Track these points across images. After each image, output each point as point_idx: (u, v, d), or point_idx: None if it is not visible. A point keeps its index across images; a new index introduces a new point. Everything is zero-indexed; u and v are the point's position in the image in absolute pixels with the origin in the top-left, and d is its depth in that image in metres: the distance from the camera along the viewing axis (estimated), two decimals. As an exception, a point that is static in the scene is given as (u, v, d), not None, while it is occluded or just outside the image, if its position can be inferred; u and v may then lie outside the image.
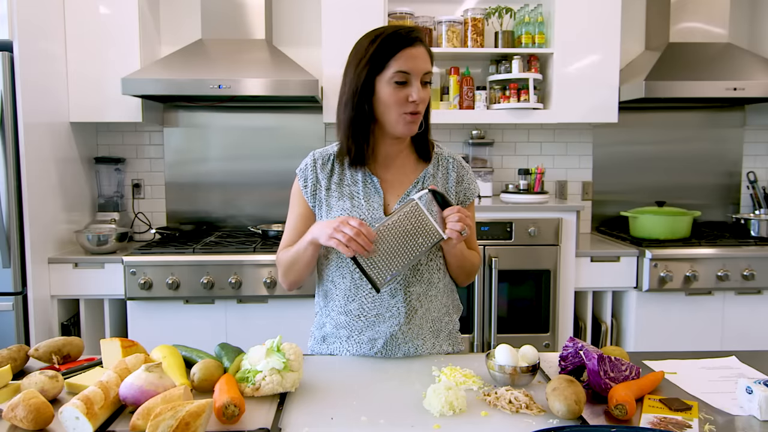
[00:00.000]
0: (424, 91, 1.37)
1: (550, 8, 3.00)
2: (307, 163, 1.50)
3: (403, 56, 1.34)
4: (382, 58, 1.34)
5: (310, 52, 3.17)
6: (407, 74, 1.34)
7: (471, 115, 3.03)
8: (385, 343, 1.42)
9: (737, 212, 3.36)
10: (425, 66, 1.36)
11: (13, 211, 2.48)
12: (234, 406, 1.03)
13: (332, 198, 1.45)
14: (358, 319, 1.43)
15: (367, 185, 1.44)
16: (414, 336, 1.43)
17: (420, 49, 1.36)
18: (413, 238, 1.29)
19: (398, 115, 1.36)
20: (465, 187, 1.51)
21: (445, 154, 1.53)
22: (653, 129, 3.37)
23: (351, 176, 1.46)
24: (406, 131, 1.39)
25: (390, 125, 1.38)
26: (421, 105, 1.37)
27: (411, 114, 1.36)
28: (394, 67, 1.34)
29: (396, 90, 1.34)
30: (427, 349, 1.45)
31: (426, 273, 1.43)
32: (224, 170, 3.27)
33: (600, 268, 2.85)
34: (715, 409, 1.14)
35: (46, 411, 1.03)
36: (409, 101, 1.35)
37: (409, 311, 1.42)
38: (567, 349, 1.27)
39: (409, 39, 1.35)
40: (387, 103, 1.36)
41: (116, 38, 2.85)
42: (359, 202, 1.42)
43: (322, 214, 1.46)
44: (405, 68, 1.34)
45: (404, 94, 1.34)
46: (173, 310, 2.68)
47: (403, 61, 1.33)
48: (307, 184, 1.47)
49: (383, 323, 1.41)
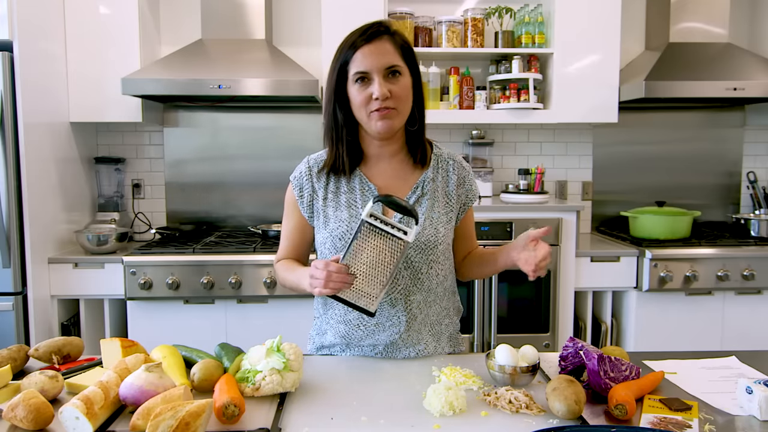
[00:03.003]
0: (394, 85, 1.33)
1: (550, 8, 3.00)
2: (302, 171, 1.46)
3: (358, 56, 1.32)
4: (343, 63, 1.34)
5: (310, 52, 3.17)
6: (365, 72, 1.32)
7: (471, 115, 3.03)
8: (385, 348, 1.42)
9: (737, 212, 3.36)
10: (385, 60, 1.32)
11: (13, 211, 2.48)
12: (234, 406, 1.03)
13: (329, 208, 1.42)
14: (357, 329, 1.42)
15: (364, 193, 1.42)
16: (414, 342, 1.42)
17: (378, 44, 1.33)
18: (380, 254, 1.24)
19: (367, 115, 1.34)
20: (467, 189, 1.49)
21: (444, 155, 1.49)
22: (653, 129, 3.37)
23: (347, 183, 1.43)
24: (379, 128, 1.34)
25: (366, 126, 1.37)
26: (391, 100, 1.32)
27: (378, 111, 1.32)
28: (352, 69, 1.33)
29: (360, 90, 1.33)
30: (428, 352, 1.44)
31: (426, 281, 1.41)
32: (224, 170, 3.27)
33: (600, 268, 2.85)
34: (715, 409, 1.14)
35: (46, 411, 1.03)
36: (372, 99, 1.32)
37: (409, 319, 1.40)
38: (567, 349, 1.27)
39: (363, 38, 1.33)
40: (356, 105, 1.35)
41: (116, 38, 2.85)
42: (357, 212, 1.40)
43: (320, 226, 1.44)
44: (361, 68, 1.32)
45: (368, 93, 1.32)
46: (173, 310, 2.68)
47: (359, 61, 1.32)
48: (303, 194, 1.45)
49: (383, 332, 1.40)
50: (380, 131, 1.35)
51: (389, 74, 1.33)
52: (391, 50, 1.34)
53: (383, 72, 1.32)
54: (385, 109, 1.32)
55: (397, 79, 1.34)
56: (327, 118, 1.40)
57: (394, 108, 1.33)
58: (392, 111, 1.33)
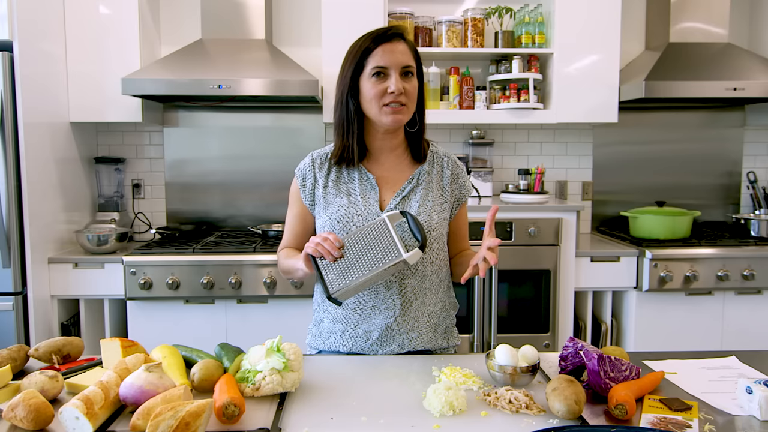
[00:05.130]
0: (407, 84, 1.42)
1: (550, 8, 3.00)
2: (306, 163, 1.55)
3: (378, 52, 1.40)
4: (362, 57, 1.42)
5: (310, 52, 3.17)
6: (384, 68, 1.40)
7: (471, 115, 3.03)
8: (380, 335, 1.45)
9: (737, 212, 3.36)
10: (403, 59, 1.41)
11: (13, 211, 2.48)
12: (234, 406, 1.03)
13: (330, 195, 1.49)
14: (354, 312, 1.46)
15: (363, 182, 1.49)
16: (409, 328, 1.46)
17: (398, 45, 1.42)
18: (374, 252, 1.30)
19: (380, 107, 1.42)
20: (460, 185, 1.55)
21: (440, 152, 1.57)
22: (653, 129, 3.37)
23: (347, 174, 1.51)
24: (390, 122, 1.42)
25: (376, 118, 1.44)
26: (404, 97, 1.41)
27: (392, 105, 1.40)
28: (371, 63, 1.41)
29: (375, 83, 1.41)
30: (422, 343, 1.48)
31: (420, 266, 1.46)
32: (224, 170, 3.27)
33: (600, 268, 2.85)
34: (715, 409, 1.14)
35: (46, 411, 1.03)
36: (387, 92, 1.40)
37: (404, 303, 1.45)
38: (567, 349, 1.28)
39: (384, 36, 1.41)
40: (368, 98, 1.42)
41: (116, 38, 2.85)
42: (356, 199, 1.47)
43: (320, 211, 1.50)
44: (381, 63, 1.40)
45: (383, 87, 1.40)
46: (173, 310, 2.68)
47: (379, 57, 1.40)
48: (306, 183, 1.52)
49: (379, 315, 1.45)
50: (390, 124, 1.43)
51: (403, 73, 1.42)
52: (407, 52, 1.44)
53: (400, 69, 1.41)
54: (397, 104, 1.41)
55: (409, 79, 1.43)
56: (339, 109, 1.47)
57: (404, 105, 1.42)
58: (403, 107, 1.42)
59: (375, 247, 1.30)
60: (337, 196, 1.48)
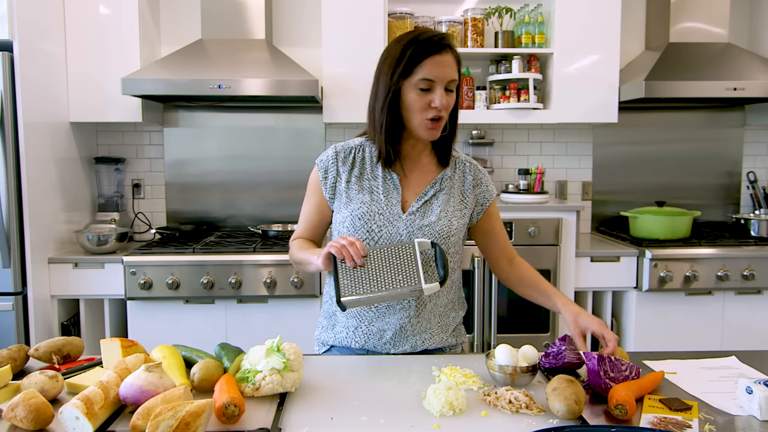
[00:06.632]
0: (448, 98, 1.40)
1: (550, 8, 3.00)
2: (329, 155, 1.52)
3: (429, 63, 1.37)
4: (410, 63, 1.37)
5: (310, 52, 3.16)
6: (431, 81, 1.37)
7: (471, 115, 3.03)
8: (394, 334, 1.45)
9: (737, 212, 3.36)
10: (450, 74, 1.39)
11: (13, 211, 2.48)
12: (234, 406, 1.03)
13: (352, 191, 1.48)
14: (369, 310, 1.46)
15: (386, 181, 1.48)
16: (422, 329, 1.47)
17: (447, 57, 1.39)
18: (395, 272, 1.29)
19: (420, 120, 1.40)
20: (483, 189, 1.55)
21: (462, 158, 1.57)
22: (653, 129, 3.37)
23: (371, 171, 1.49)
24: (428, 136, 1.42)
25: (414, 128, 1.43)
26: (444, 111, 1.40)
27: (432, 120, 1.39)
28: (420, 73, 1.37)
29: (420, 96, 1.38)
30: (434, 343, 1.49)
31: None
32: (224, 170, 3.27)
33: (600, 268, 2.85)
34: (715, 409, 1.14)
35: (46, 411, 1.03)
36: (431, 107, 1.38)
37: (419, 305, 1.45)
38: (553, 347, 1.30)
39: (438, 46, 1.38)
40: (411, 108, 1.40)
41: (116, 38, 2.85)
42: (378, 197, 1.46)
43: (341, 206, 1.49)
44: (430, 75, 1.37)
45: (427, 100, 1.38)
46: (173, 310, 2.68)
47: (429, 69, 1.37)
48: (328, 176, 1.50)
49: (394, 315, 1.45)
50: (428, 138, 1.44)
51: (447, 88, 1.40)
52: (453, 65, 1.41)
53: (445, 84, 1.39)
54: (438, 119, 1.40)
55: (451, 93, 1.42)
56: (383, 114, 1.42)
57: (442, 119, 1.41)
58: (440, 121, 1.42)
59: (397, 267, 1.30)
60: (360, 192, 1.47)
